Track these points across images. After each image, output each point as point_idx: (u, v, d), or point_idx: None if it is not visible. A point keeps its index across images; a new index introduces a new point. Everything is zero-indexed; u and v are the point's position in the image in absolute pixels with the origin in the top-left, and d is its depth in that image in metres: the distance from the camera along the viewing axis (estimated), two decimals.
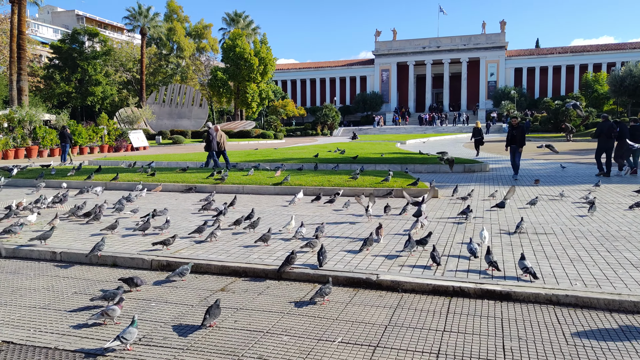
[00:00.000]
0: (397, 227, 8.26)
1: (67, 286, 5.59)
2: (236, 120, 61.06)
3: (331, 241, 7.26)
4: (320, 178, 13.62)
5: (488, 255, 5.81)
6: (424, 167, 17.90)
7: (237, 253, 6.61)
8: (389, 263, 6.14)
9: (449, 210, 9.86)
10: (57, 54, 55.71)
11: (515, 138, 15.07)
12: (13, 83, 36.38)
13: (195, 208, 10.41)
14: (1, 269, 6.29)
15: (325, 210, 10.05)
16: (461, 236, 7.57)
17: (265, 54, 57.29)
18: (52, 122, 33.51)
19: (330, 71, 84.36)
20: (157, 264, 6.32)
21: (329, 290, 5.09)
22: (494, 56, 75.07)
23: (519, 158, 15.30)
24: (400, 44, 79.33)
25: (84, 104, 55.87)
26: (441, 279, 5.55)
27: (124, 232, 7.94)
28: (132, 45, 68.59)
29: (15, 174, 15.18)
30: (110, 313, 4.39)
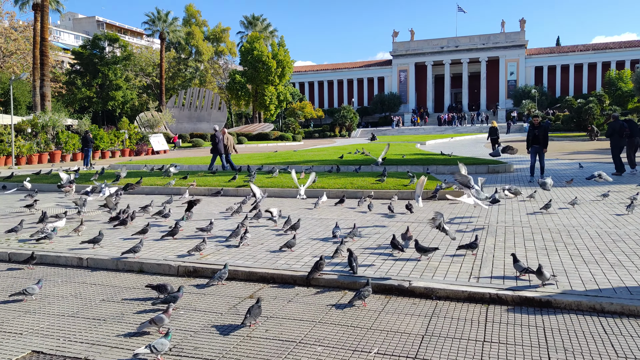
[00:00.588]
0: (425, 231, 8.05)
1: (94, 293, 5.54)
2: (254, 122, 61.27)
3: (358, 245, 7.10)
4: (343, 180, 13.47)
5: (517, 263, 5.57)
6: (446, 168, 17.61)
7: (264, 259, 6.49)
8: (421, 268, 5.96)
9: (477, 213, 9.61)
10: (78, 60, 56.55)
11: (537, 138, 14.40)
12: (36, 89, 36.99)
13: (219, 211, 10.34)
14: (29, 275, 6.27)
15: (350, 214, 9.89)
16: (493, 240, 7.35)
17: (283, 56, 57.38)
18: (74, 127, 33.96)
19: (347, 72, 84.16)
20: (184, 270, 6.23)
21: (367, 293, 4.99)
22: (514, 55, 74.04)
23: (544, 159, 14.73)
24: (418, 44, 78.77)
25: (105, 108, 56.58)
26: (477, 285, 5.35)
27: (156, 235, 7.89)
28: (151, 50, 69.33)
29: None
30: (158, 322, 4.29)
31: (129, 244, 7.35)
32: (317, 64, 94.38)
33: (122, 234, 8.22)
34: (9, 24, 48.58)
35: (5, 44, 45.44)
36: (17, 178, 16.37)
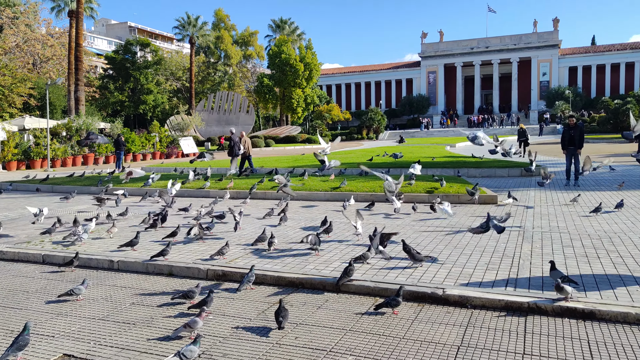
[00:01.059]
0: (458, 237, 7.83)
1: (124, 296, 5.54)
2: (282, 125, 61.54)
3: (389, 251, 6.94)
4: (372, 184, 13.30)
5: (554, 271, 5.29)
6: (478, 170, 17.25)
7: (293, 263, 6.40)
8: (455, 275, 5.77)
9: (512, 218, 9.31)
10: (111, 65, 57.88)
11: (573, 139, 13.90)
12: (71, 93, 37.97)
13: (255, 216, 10.32)
14: (61, 277, 6.33)
15: (379, 217, 9.73)
16: (529, 246, 7.08)
17: (311, 59, 57.48)
18: (106, 130, 34.72)
19: (375, 74, 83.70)
20: (213, 274, 6.20)
21: (395, 303, 4.80)
22: (547, 55, 72.29)
23: (579, 162, 14.11)
24: (447, 46, 77.77)
25: (137, 112, 57.71)
26: (514, 294, 5.14)
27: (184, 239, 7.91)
28: (181, 54, 70.46)
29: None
30: (193, 325, 4.25)
31: (158, 246, 7.38)
32: (344, 67, 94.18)
33: (152, 236, 8.26)
34: (45, 31, 50.07)
35: (42, 50, 46.79)
36: (52, 180, 16.74)
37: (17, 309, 5.17)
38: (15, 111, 34.14)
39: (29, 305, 5.27)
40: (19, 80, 34.31)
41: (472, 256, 6.61)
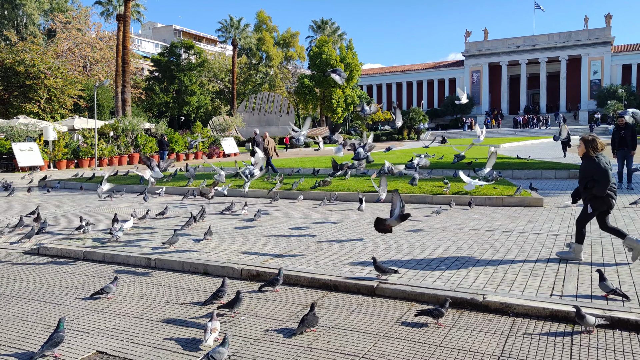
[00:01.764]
0: (500, 241, 7.52)
1: (159, 294, 5.58)
2: (322, 126, 61.59)
3: (428, 254, 6.73)
4: (414, 187, 13.00)
5: (603, 282, 4.95)
6: (523, 172, 16.64)
7: (327, 265, 6.29)
8: (496, 281, 5.51)
9: (558, 222, 8.89)
10: (156, 67, 59.50)
11: (624, 140, 13.08)
12: (118, 95, 39.24)
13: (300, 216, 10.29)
14: (100, 274, 6.45)
15: (419, 219, 9.48)
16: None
17: (351, 59, 57.29)
18: (152, 130, 35.65)
19: (417, 74, 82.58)
20: (247, 274, 6.16)
21: (438, 313, 4.52)
22: (598, 53, 69.30)
23: (631, 164, 13.39)
24: (492, 44, 75.84)
25: (181, 113, 59.12)
26: (560, 302, 4.85)
27: (223, 236, 7.94)
28: (224, 56, 71.69)
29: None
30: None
31: (195, 245, 7.43)
32: (385, 66, 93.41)
33: (189, 234, 8.33)
34: (95, 35, 52.00)
35: (92, 53, 48.63)
36: (98, 179, 17.25)
37: (56, 304, 5.28)
38: (65, 112, 35.57)
39: (67, 301, 5.38)
40: (69, 82, 35.71)
41: (515, 261, 6.32)
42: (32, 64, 32.09)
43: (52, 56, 38.76)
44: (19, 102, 32.10)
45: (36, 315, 4.97)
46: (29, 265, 6.94)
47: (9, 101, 32.38)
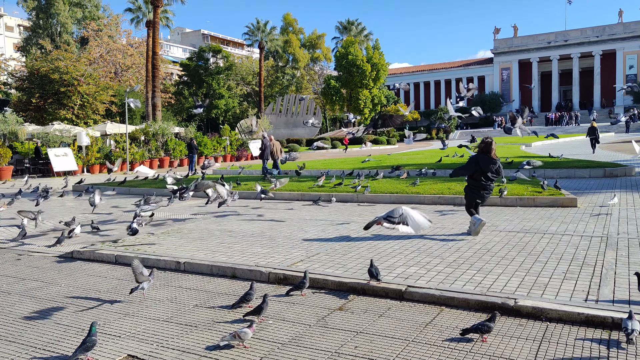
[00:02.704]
0: (532, 242, 7.34)
1: (189, 298, 5.64)
2: (348, 127, 61.45)
3: (457, 257, 6.62)
4: (440, 186, 12.86)
5: None
6: (555, 171, 16.22)
7: (355, 268, 6.25)
8: (528, 285, 5.37)
9: (593, 223, 8.62)
10: (185, 71, 60.40)
11: None
12: (148, 100, 39.99)
13: (311, 217, 10.29)
14: (131, 277, 6.54)
15: (447, 221, 9.34)
16: (613, 254, 6.49)
17: (378, 59, 57.00)
18: (181, 134, 36.22)
19: (445, 73, 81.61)
20: (275, 277, 6.18)
21: (487, 329, 4.21)
22: (634, 47, 67.08)
23: None
24: (521, 41, 74.36)
25: (209, 116, 59.86)
26: (596, 307, 4.69)
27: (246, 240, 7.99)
28: (251, 59, 72.29)
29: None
30: (242, 336, 4.22)
31: (223, 249, 7.49)
32: (413, 65, 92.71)
33: (217, 237, 8.41)
34: (126, 41, 53.19)
35: (122, 60, 49.74)
36: (129, 183, 17.63)
37: (89, 308, 5.40)
38: (98, 117, 36.47)
39: (100, 305, 5.49)
40: (101, 88, 36.60)
41: (548, 264, 6.15)
42: (65, 72, 33.02)
43: (85, 63, 39.80)
44: (54, 109, 33.08)
45: (70, 318, 5.09)
46: (63, 269, 7.12)
47: (44, 108, 33.39)
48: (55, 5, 51.92)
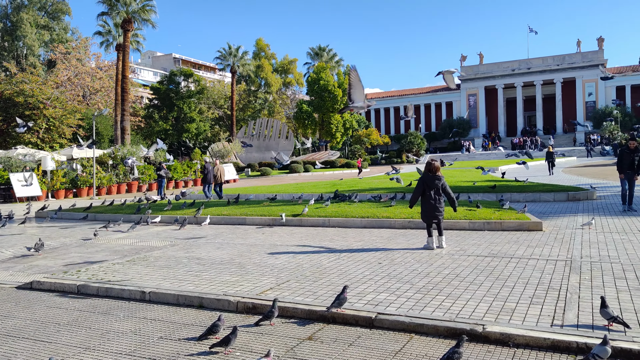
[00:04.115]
0: (500, 267, 7.43)
1: (153, 330, 5.47)
2: (321, 150, 61.81)
3: (427, 282, 6.64)
4: (410, 210, 12.93)
5: (604, 309, 4.86)
6: (522, 195, 16.60)
7: (325, 295, 6.19)
8: (496, 310, 5.42)
9: (558, 247, 8.81)
10: (156, 95, 60.02)
11: (633, 163, 13.07)
12: (117, 123, 39.47)
13: (282, 243, 10.21)
14: (93, 308, 6.34)
15: (419, 245, 9.39)
16: (577, 277, 6.62)
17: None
18: (150, 158, 35.70)
19: (414, 98, 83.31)
20: (243, 307, 6.06)
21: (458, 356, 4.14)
22: (592, 75, 70.08)
23: (634, 187, 13.27)
24: (487, 68, 76.77)
25: (180, 140, 59.39)
26: (561, 332, 4.75)
27: (213, 268, 7.84)
28: (223, 83, 72.42)
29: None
30: None
31: (191, 277, 7.34)
32: (383, 91, 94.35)
33: (185, 265, 8.24)
34: (95, 64, 52.60)
35: (91, 83, 49.10)
36: (95, 209, 17.20)
37: (47, 342, 5.17)
38: (64, 141, 35.68)
39: (59, 338, 5.26)
40: (68, 112, 35.94)
41: (515, 288, 6.23)
42: (31, 95, 32.34)
43: (52, 86, 39.12)
44: (18, 133, 32.26)
45: (25, 354, 4.86)
46: (21, 300, 6.83)
47: (7, 132, 32.53)
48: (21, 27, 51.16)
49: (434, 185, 9.00)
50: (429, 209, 9.02)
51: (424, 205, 9.12)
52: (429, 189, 9.04)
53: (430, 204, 9.00)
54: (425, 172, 9.21)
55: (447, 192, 9.14)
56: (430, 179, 9.07)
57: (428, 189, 9.05)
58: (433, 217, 8.99)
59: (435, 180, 9.02)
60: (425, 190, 9.09)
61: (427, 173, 9.14)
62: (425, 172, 9.20)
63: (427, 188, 9.06)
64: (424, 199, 9.12)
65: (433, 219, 9.00)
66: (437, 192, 9.02)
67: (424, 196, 9.12)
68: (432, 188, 9.01)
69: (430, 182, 9.05)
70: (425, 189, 9.09)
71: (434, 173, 9.07)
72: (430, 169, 9.11)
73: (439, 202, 9.03)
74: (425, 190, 9.08)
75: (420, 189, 9.16)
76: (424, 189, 9.09)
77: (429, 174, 9.09)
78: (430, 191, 9.03)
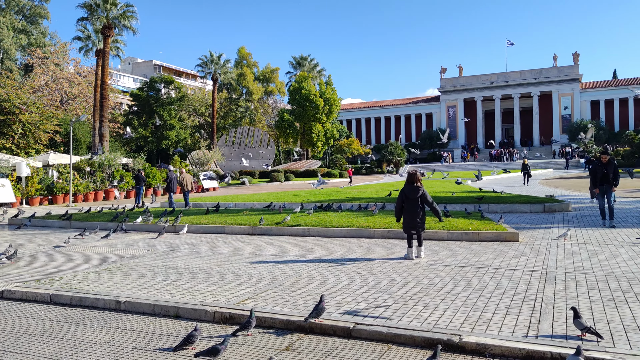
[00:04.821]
0: (477, 277, 7.51)
1: (128, 340, 5.37)
2: (302, 159, 61.86)
3: (405, 292, 6.67)
4: (389, 220, 13.03)
5: (578, 319, 4.95)
6: (499, 206, 16.83)
7: (304, 305, 6.17)
8: (473, 320, 5.46)
9: (534, 258, 8.94)
10: (135, 101, 59.41)
11: (607, 176, 12.70)
12: (96, 130, 38.91)
13: (261, 252, 10.15)
14: (66, 318, 6.20)
15: (397, 255, 9.43)
16: (552, 288, 6.72)
17: (330, 94, 58.17)
18: (129, 165, 35.27)
19: (395, 109, 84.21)
20: (220, 317, 5.99)
21: None
22: (568, 89, 71.86)
23: (612, 200, 12.70)
24: (466, 80, 78.06)
25: (159, 147, 58.80)
26: (536, 342, 4.81)
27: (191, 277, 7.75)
28: (204, 91, 72.07)
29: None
30: None
31: (167, 287, 7.24)
32: (365, 102, 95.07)
33: (162, 274, 8.13)
34: (74, 70, 51.87)
35: (69, 88, 48.38)
36: (71, 216, 16.87)
37: (16, 353, 5.03)
38: (41, 147, 35.03)
39: (29, 349, 5.13)
40: (45, 117, 35.31)
41: (492, 299, 6.29)
42: (6, 99, 31.70)
43: (28, 91, 38.44)
44: None
45: None
46: None
47: None
48: None
49: (413, 196, 9.08)
50: (407, 220, 9.11)
51: (403, 215, 9.21)
52: (408, 200, 9.13)
53: (408, 215, 9.09)
54: (405, 183, 9.35)
55: (427, 202, 9.18)
56: (409, 189, 9.16)
57: (407, 200, 9.15)
58: (411, 227, 9.07)
59: (415, 190, 9.10)
60: (404, 200, 9.18)
61: (407, 184, 9.25)
62: (406, 182, 9.32)
63: (406, 199, 9.16)
64: (404, 209, 9.20)
65: (412, 229, 9.08)
66: (416, 203, 9.09)
67: (405, 207, 9.21)
68: (411, 199, 9.09)
69: (409, 193, 9.14)
70: (404, 199, 9.18)
71: (413, 183, 9.16)
72: (411, 180, 9.21)
73: (418, 212, 9.07)
74: (405, 201, 9.18)
75: (400, 199, 9.25)
76: (404, 200, 9.18)
77: (409, 184, 9.20)
78: (410, 202, 9.11)
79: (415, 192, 9.10)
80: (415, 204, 9.06)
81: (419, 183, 9.23)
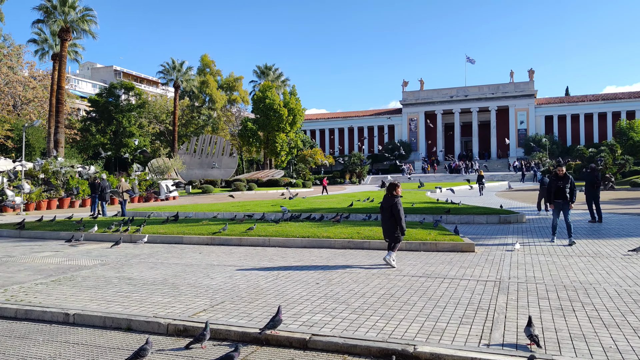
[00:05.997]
0: (433, 287, 7.62)
1: (75, 354, 5.17)
2: (265, 169, 61.55)
3: (362, 303, 6.70)
4: (350, 230, 13.10)
5: (529, 327, 5.08)
6: (457, 217, 17.20)
7: (261, 317, 6.10)
8: (428, 329, 5.53)
9: (488, 268, 9.16)
10: (94, 107, 57.87)
11: (562, 191, 11.89)
12: (51, 135, 37.64)
13: (220, 262, 10.01)
14: (10, 332, 5.93)
15: (355, 268, 9.48)
16: (504, 297, 6.90)
17: (295, 104, 58.27)
18: (87, 171, 34.17)
19: (358, 120, 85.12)
20: (174, 329, 5.86)
21: None
22: (523, 104, 74.53)
23: (569, 216, 11.93)
24: (427, 94, 79.79)
25: (118, 154, 57.36)
26: (487, 352, 4.92)
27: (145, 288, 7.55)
28: (165, 98, 70.87)
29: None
30: None
31: (120, 298, 7.03)
32: (329, 112, 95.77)
33: (115, 286, 7.89)
34: (28, 73, 50.12)
35: (23, 92, 46.69)
36: (28, 224, 16.21)
37: None
38: None
39: None
40: None
41: (447, 308, 6.40)
42: None
43: None
44: None
45: None
46: None
47: None
48: None
49: (386, 205, 9.48)
50: (383, 228, 9.62)
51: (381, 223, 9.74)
52: (383, 209, 9.59)
53: (383, 223, 9.62)
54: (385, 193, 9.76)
55: (392, 213, 9.38)
56: (385, 199, 9.57)
57: (381, 209, 9.64)
58: (385, 235, 9.57)
59: (388, 201, 9.46)
60: (381, 209, 9.69)
61: (385, 194, 9.66)
62: (385, 192, 9.75)
63: (381, 208, 9.65)
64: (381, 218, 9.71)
65: (386, 237, 9.58)
66: (388, 212, 9.43)
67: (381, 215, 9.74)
68: (385, 208, 9.51)
69: (384, 202, 9.56)
70: (381, 208, 9.68)
71: (390, 194, 9.52)
72: (389, 190, 9.57)
73: (388, 222, 9.46)
74: (381, 210, 9.70)
75: (381, 209, 9.68)
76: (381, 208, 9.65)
77: (386, 194, 9.62)
78: (384, 211, 9.54)
79: (388, 202, 9.44)
80: (388, 214, 9.41)
81: (396, 194, 9.51)
